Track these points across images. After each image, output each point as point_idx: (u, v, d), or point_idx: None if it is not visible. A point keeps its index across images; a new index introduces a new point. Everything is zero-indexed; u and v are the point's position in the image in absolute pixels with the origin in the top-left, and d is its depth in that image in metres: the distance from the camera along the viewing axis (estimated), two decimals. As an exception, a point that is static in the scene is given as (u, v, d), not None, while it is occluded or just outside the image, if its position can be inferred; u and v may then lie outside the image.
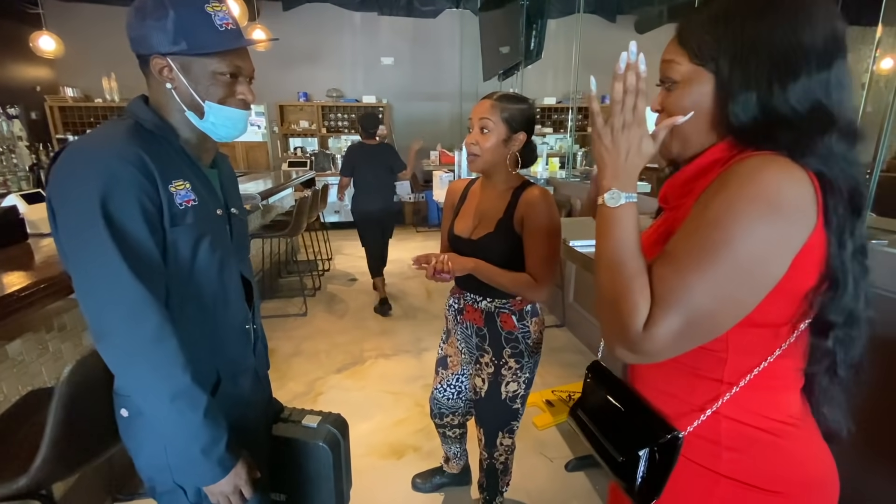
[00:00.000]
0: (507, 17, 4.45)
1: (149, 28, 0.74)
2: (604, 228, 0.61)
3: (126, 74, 5.66)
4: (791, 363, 0.61)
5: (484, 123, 1.19)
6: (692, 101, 0.62)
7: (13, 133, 3.25)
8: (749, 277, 0.53)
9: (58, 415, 0.88)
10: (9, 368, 1.34)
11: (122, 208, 0.71)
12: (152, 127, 0.80)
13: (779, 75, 0.55)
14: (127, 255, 0.70)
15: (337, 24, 6.33)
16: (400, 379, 2.59)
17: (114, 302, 0.71)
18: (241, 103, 0.83)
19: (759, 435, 0.61)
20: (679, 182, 0.66)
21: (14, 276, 1.21)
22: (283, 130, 6.49)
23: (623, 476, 0.64)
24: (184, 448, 0.78)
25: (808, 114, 0.55)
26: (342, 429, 1.09)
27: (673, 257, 0.56)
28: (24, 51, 4.66)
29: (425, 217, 6.76)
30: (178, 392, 0.75)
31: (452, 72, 6.72)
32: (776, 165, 0.53)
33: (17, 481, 0.89)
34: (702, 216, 0.55)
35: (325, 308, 3.62)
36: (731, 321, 0.56)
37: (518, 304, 1.30)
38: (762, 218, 0.51)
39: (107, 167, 0.71)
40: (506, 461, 1.47)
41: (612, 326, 0.58)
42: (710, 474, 0.63)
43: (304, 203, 3.40)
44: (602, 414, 0.72)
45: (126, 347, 0.73)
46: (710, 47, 0.59)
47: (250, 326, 0.97)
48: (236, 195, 1.00)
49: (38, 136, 5.17)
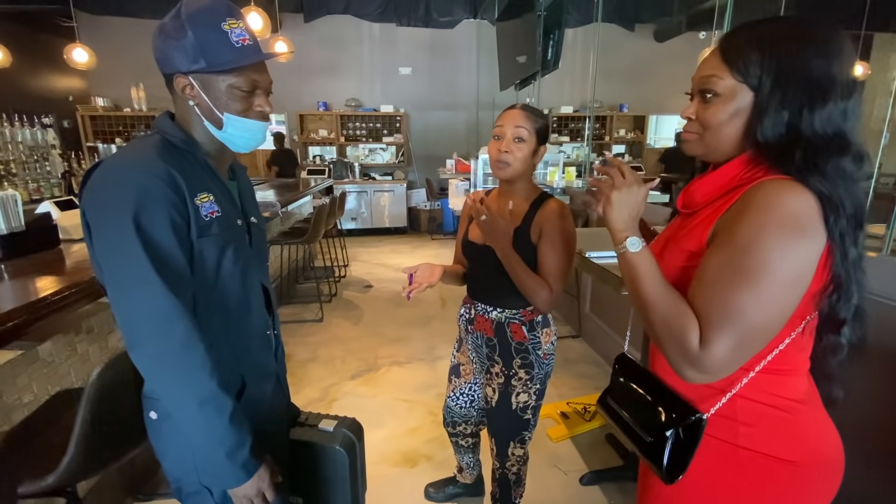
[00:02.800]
0: (524, 27, 4.48)
1: (171, 48, 0.78)
2: (634, 272, 0.69)
3: (153, 84, 5.86)
4: (799, 350, 0.69)
5: (520, 133, 1.19)
6: (728, 115, 0.67)
7: (47, 141, 3.39)
8: (792, 290, 0.61)
9: (86, 415, 0.91)
10: (39, 369, 1.40)
11: (154, 222, 0.74)
12: (178, 142, 0.83)
13: (810, 100, 0.62)
14: (159, 268, 0.74)
15: (356, 34, 6.46)
16: (413, 387, 2.60)
17: (147, 313, 0.74)
18: (258, 114, 0.86)
19: (770, 411, 0.69)
20: (699, 189, 0.73)
21: (47, 280, 1.26)
22: (302, 139, 6.61)
23: (651, 455, 0.71)
24: (209, 452, 0.81)
25: (829, 138, 0.62)
26: (358, 433, 1.11)
27: (714, 282, 0.62)
28: (58, 62, 4.86)
29: (440, 225, 6.79)
30: (206, 397, 0.77)
31: (469, 81, 6.77)
32: (789, 190, 0.61)
33: (45, 479, 0.92)
34: (732, 242, 0.62)
35: (341, 314, 3.66)
36: (779, 329, 0.64)
37: (529, 314, 1.30)
38: (791, 239, 0.59)
39: (138, 183, 0.74)
40: (518, 472, 1.46)
41: (673, 351, 0.64)
42: (728, 446, 0.70)
43: (322, 210, 3.45)
44: (630, 400, 0.80)
45: (158, 355, 0.76)
46: (755, 66, 0.64)
47: (271, 332, 1.00)
48: (254, 205, 1.03)
49: (70, 145, 5.37)
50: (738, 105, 0.66)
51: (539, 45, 4.11)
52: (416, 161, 6.98)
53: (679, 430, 0.69)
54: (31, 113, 3.72)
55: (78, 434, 0.91)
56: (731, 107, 0.67)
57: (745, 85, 0.65)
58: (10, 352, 1.27)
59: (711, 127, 0.69)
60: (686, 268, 0.70)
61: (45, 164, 3.30)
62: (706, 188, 0.72)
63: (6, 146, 3.09)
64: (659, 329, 0.66)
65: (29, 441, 1.07)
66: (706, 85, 0.69)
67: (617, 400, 0.82)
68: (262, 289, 0.97)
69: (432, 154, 6.88)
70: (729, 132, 0.68)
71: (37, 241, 1.59)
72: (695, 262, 0.68)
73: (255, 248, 0.96)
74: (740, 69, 0.65)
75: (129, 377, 0.91)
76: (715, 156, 0.72)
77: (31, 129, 3.25)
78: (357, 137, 6.76)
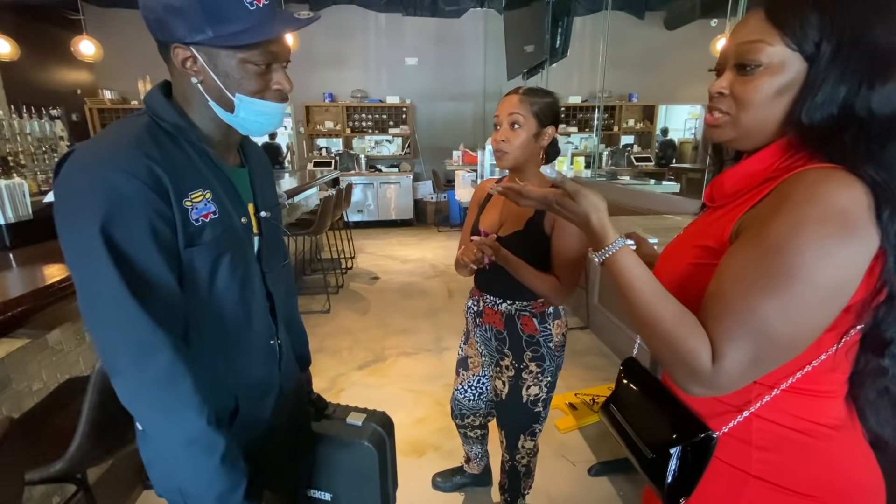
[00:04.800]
0: (532, 16, 4.41)
1: (167, 11, 0.62)
2: (616, 287, 0.61)
3: (161, 77, 5.80)
4: (834, 372, 0.58)
5: (514, 119, 1.17)
6: (775, 90, 0.55)
7: (55, 134, 3.40)
8: (829, 302, 0.51)
9: (93, 402, 0.91)
10: (48, 357, 1.40)
11: (129, 233, 0.61)
12: (170, 127, 0.69)
13: (871, 75, 0.51)
14: (133, 287, 0.61)
15: (362, 25, 6.41)
16: (421, 377, 2.59)
17: (122, 338, 0.63)
18: (277, 94, 0.72)
19: (792, 435, 0.59)
20: (729, 182, 0.62)
21: (54, 269, 1.26)
22: (308, 131, 6.60)
23: (652, 473, 0.63)
24: (197, 496, 0.70)
25: (889, 120, 0.52)
26: (388, 428, 1.04)
27: (735, 284, 0.53)
28: (65, 55, 4.89)
29: (447, 217, 6.77)
30: (193, 437, 0.66)
31: (476, 71, 6.71)
32: (836, 181, 0.50)
33: (54, 465, 0.93)
34: (762, 239, 0.52)
35: (348, 305, 3.66)
36: (808, 344, 0.53)
37: (539, 306, 1.28)
38: (834, 239, 0.49)
39: (110, 185, 0.60)
40: (528, 464, 1.45)
41: (681, 373, 0.55)
42: (739, 474, 0.61)
43: (329, 202, 3.44)
44: (634, 410, 0.71)
45: (136, 387, 0.64)
46: (814, 30, 0.52)
47: (275, 342, 0.87)
48: (271, 194, 0.89)
49: (78, 137, 5.41)
50: (788, 78, 0.54)
51: (547, 34, 4.04)
52: (423, 152, 6.93)
53: (685, 449, 0.61)
54: (40, 105, 3.74)
55: (85, 421, 0.91)
56: (780, 80, 0.54)
57: (798, 54, 0.53)
58: (19, 340, 1.28)
59: (751, 105, 0.57)
60: (697, 265, 0.61)
61: (53, 155, 3.32)
62: (736, 178, 0.61)
63: (15, 138, 3.10)
64: (662, 352, 0.56)
65: (38, 428, 1.08)
66: (748, 55, 0.55)
67: (620, 408, 0.74)
68: (266, 297, 0.84)
69: (439, 145, 6.83)
70: (771, 112, 0.56)
71: (44, 230, 1.59)
72: (709, 259, 0.59)
73: (267, 244, 0.84)
74: (795, 33, 0.53)
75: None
76: (748, 142, 0.60)
77: (39, 120, 3.26)
78: (363, 129, 6.73)
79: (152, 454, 0.76)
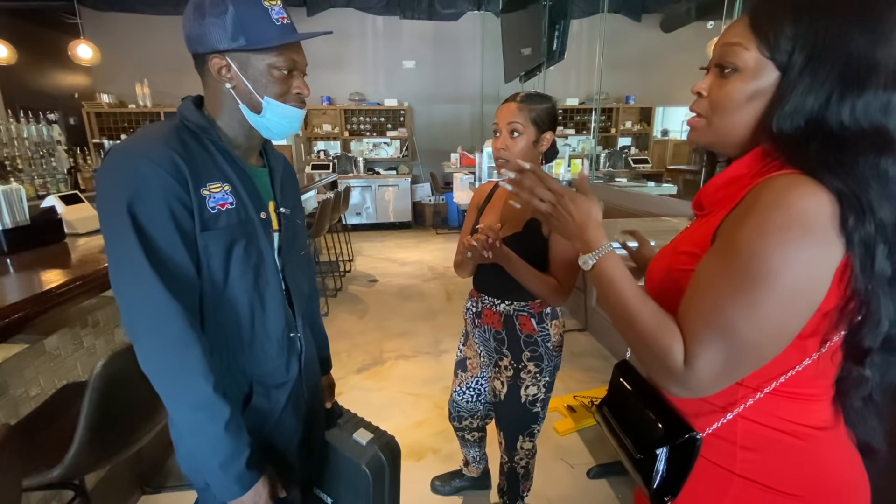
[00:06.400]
0: (529, 18, 4.43)
1: (208, 25, 0.74)
2: (599, 289, 0.64)
3: (158, 80, 5.86)
4: (819, 377, 0.59)
5: (514, 127, 1.18)
6: (746, 96, 0.57)
7: (53, 137, 3.39)
8: (793, 305, 0.51)
9: (90, 407, 0.91)
10: (46, 363, 1.40)
11: (150, 212, 0.71)
12: (194, 127, 0.79)
13: (844, 86, 0.52)
14: (153, 260, 0.70)
15: (360, 28, 6.42)
16: (419, 380, 2.59)
17: (140, 304, 0.71)
18: (297, 99, 0.82)
19: (777, 436, 0.60)
20: (712, 189, 0.65)
21: (52, 274, 1.26)
22: (306, 134, 6.60)
23: (641, 473, 0.65)
24: (203, 459, 0.77)
25: (863, 132, 0.52)
26: (391, 454, 1.03)
27: (706, 291, 0.55)
28: (63, 59, 4.88)
29: (445, 219, 6.77)
30: (200, 402, 0.73)
31: (474, 74, 6.72)
32: (801, 187, 0.51)
33: (52, 471, 0.92)
34: (731, 246, 0.53)
35: (347, 308, 3.66)
36: (779, 350, 0.54)
37: (537, 306, 1.28)
38: (796, 244, 0.49)
39: (136, 170, 0.71)
40: (527, 465, 1.45)
41: (656, 370, 0.58)
42: (723, 473, 0.62)
43: (327, 205, 3.44)
44: (625, 411, 0.73)
45: (150, 352, 0.73)
46: (787, 39, 0.53)
47: (296, 335, 0.92)
48: (292, 194, 0.97)
49: (75, 141, 5.40)
50: (760, 85, 0.56)
51: (544, 37, 4.06)
52: (421, 155, 6.94)
53: (670, 449, 0.62)
54: (37, 109, 3.73)
55: (83, 426, 0.91)
56: (751, 86, 0.56)
57: (771, 62, 0.55)
58: (17, 345, 1.27)
59: (723, 109, 0.59)
60: (681, 271, 0.62)
61: (50, 159, 3.31)
62: (719, 185, 0.63)
63: (12, 142, 3.09)
64: (639, 348, 0.59)
65: (35, 434, 1.07)
66: (726, 56, 0.57)
67: (612, 409, 0.76)
68: (283, 287, 0.89)
69: (437, 148, 6.84)
70: (742, 118, 0.58)
71: (42, 235, 1.59)
72: (693, 265, 0.60)
73: (286, 241, 0.90)
74: (769, 42, 0.54)
75: (134, 369, 0.89)
76: (725, 147, 0.61)
77: (36, 124, 3.26)
78: (361, 132, 6.73)
79: (176, 432, 0.83)
